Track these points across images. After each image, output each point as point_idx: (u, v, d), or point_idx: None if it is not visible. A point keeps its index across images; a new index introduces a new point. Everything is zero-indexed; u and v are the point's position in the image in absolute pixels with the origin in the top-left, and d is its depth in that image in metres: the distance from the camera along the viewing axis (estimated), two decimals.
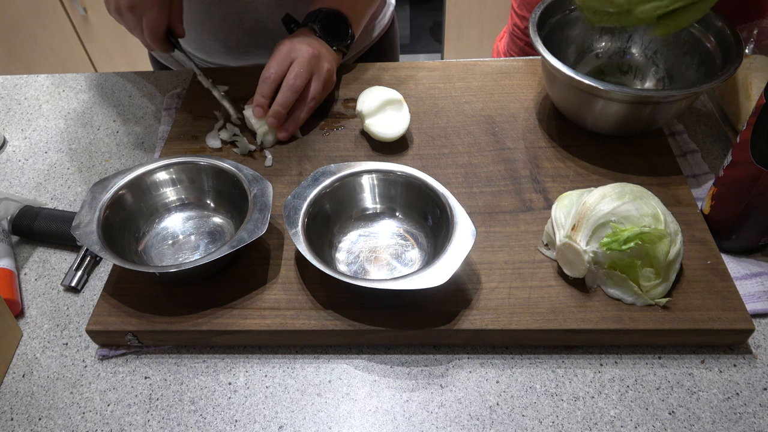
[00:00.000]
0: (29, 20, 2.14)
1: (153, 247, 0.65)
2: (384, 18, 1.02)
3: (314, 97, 0.77)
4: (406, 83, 0.86)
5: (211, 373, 0.59)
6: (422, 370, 0.58)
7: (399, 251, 0.64)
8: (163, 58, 1.04)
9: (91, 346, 0.61)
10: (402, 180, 0.65)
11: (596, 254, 0.57)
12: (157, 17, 0.71)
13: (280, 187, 0.72)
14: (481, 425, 0.54)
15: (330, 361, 0.59)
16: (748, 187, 0.58)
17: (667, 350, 0.58)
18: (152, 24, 0.72)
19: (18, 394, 0.58)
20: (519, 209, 0.68)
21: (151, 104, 0.89)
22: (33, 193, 0.78)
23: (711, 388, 0.55)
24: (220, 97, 0.78)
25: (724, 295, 0.58)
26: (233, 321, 0.59)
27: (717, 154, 0.76)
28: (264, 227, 0.59)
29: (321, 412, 0.56)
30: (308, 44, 0.77)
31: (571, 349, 0.59)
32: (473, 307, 0.58)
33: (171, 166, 0.67)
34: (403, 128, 0.74)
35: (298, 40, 0.77)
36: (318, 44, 0.78)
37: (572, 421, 0.54)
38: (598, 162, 0.73)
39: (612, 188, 0.59)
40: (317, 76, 0.77)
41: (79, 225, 0.60)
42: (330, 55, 0.80)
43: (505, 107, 0.81)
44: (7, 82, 0.96)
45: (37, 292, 0.66)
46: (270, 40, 0.93)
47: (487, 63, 0.88)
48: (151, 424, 0.55)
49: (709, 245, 0.63)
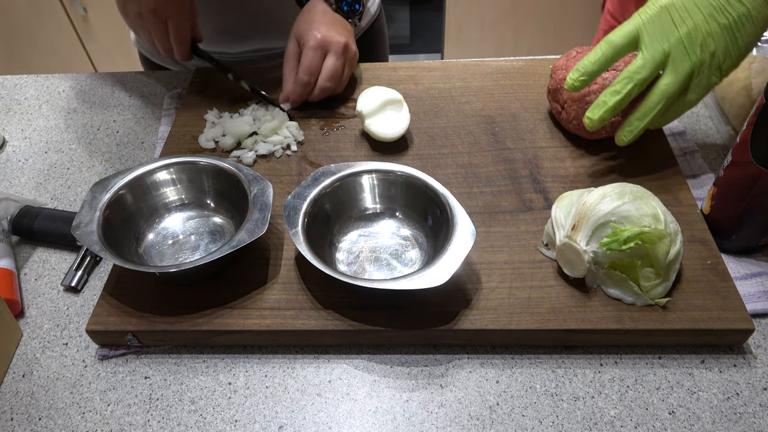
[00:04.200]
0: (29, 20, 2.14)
1: (153, 247, 0.65)
2: (373, 5, 1.04)
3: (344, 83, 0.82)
4: (406, 83, 0.86)
5: (211, 373, 0.59)
6: (422, 370, 0.58)
7: (399, 251, 0.64)
8: (157, 57, 1.03)
9: (91, 346, 0.61)
10: (402, 180, 0.65)
11: (596, 254, 0.57)
12: (182, 21, 0.71)
13: (280, 187, 0.72)
14: (481, 425, 0.54)
15: (330, 361, 0.59)
16: (748, 187, 0.58)
17: (667, 350, 0.58)
18: (178, 28, 0.72)
19: (18, 394, 0.58)
20: (519, 209, 0.68)
21: (151, 104, 0.89)
22: (33, 193, 0.78)
23: (711, 388, 0.56)
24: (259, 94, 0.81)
25: (724, 295, 0.58)
26: (233, 321, 0.59)
27: (717, 154, 0.76)
28: (264, 227, 0.59)
29: (321, 412, 0.56)
30: (336, 31, 0.79)
31: (571, 349, 0.59)
32: (473, 307, 0.58)
33: (171, 166, 0.67)
34: (403, 128, 0.74)
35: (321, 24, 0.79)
36: (341, 26, 0.80)
37: (572, 421, 0.54)
38: (598, 162, 0.73)
39: (612, 188, 0.59)
40: (348, 64, 0.80)
41: (79, 225, 0.60)
42: (350, 32, 0.82)
43: (505, 107, 0.81)
44: (7, 82, 0.96)
45: (37, 292, 0.66)
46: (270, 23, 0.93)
47: (487, 63, 0.88)
48: (151, 424, 0.55)
49: (709, 245, 0.63)
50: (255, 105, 0.82)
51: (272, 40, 0.97)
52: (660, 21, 0.63)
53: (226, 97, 0.85)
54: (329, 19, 0.80)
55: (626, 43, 0.64)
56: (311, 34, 0.78)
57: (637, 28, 0.64)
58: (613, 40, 0.65)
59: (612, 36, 0.65)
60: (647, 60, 0.63)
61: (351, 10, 0.84)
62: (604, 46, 0.65)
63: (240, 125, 0.77)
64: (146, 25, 0.73)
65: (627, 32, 0.64)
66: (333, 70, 0.78)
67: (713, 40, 0.61)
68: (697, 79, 0.63)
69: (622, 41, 0.64)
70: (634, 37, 0.64)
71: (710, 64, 0.62)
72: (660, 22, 0.63)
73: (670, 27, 0.62)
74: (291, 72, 0.80)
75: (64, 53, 2.24)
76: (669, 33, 0.62)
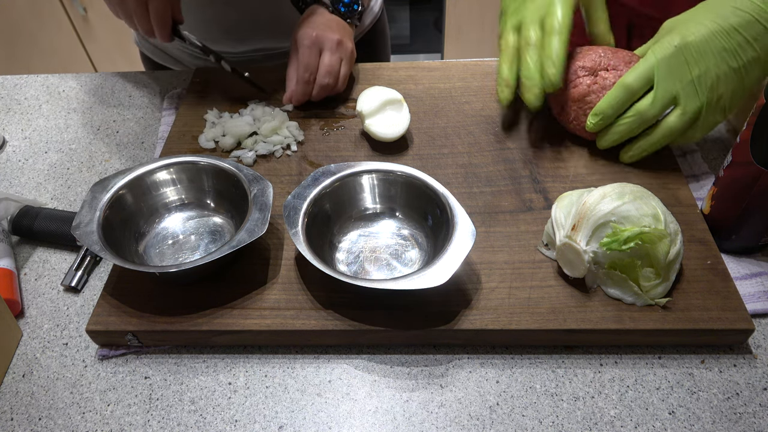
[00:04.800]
0: (29, 20, 2.14)
1: (153, 247, 0.65)
2: (376, 5, 1.04)
3: (344, 81, 0.82)
4: (406, 83, 0.86)
5: (211, 373, 0.59)
6: (422, 370, 0.58)
7: (399, 251, 0.64)
8: (158, 56, 1.04)
9: (91, 346, 0.61)
10: (402, 180, 0.65)
11: (596, 254, 0.57)
12: (162, 2, 0.72)
13: (280, 187, 0.72)
14: (481, 425, 0.54)
15: (330, 361, 0.59)
16: (748, 187, 0.58)
17: (667, 350, 0.58)
18: (158, 9, 0.72)
19: (18, 394, 0.58)
20: (519, 209, 0.68)
21: (151, 104, 0.89)
22: (33, 193, 0.78)
23: (711, 388, 0.56)
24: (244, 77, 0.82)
25: (724, 295, 0.58)
26: (233, 321, 0.59)
27: (717, 154, 0.76)
28: (264, 227, 0.59)
29: (321, 412, 0.56)
30: (331, 30, 0.80)
31: (571, 349, 0.59)
32: (473, 307, 0.58)
33: (171, 166, 0.67)
34: (403, 128, 0.74)
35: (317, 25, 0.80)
36: (336, 25, 0.81)
37: (572, 421, 0.54)
38: (598, 162, 0.73)
39: (612, 188, 0.59)
40: (345, 61, 0.81)
41: (79, 225, 0.60)
42: (347, 31, 0.82)
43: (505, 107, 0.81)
44: (7, 82, 0.96)
45: (37, 292, 0.66)
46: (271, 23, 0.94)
47: (487, 63, 0.88)
48: (151, 424, 0.55)
49: (709, 245, 0.63)
50: (255, 105, 0.82)
51: (273, 40, 0.97)
52: (674, 61, 0.64)
53: (226, 97, 0.85)
54: (326, 19, 0.81)
55: (641, 86, 0.66)
56: (306, 34, 0.79)
57: (651, 68, 0.65)
58: (628, 84, 0.66)
59: (627, 78, 0.66)
60: (657, 99, 0.65)
61: (349, 10, 0.84)
62: (619, 90, 0.67)
63: (240, 125, 0.77)
64: (127, 7, 0.73)
65: (641, 74, 0.66)
66: (329, 65, 0.78)
67: (723, 83, 0.62)
68: (703, 119, 0.65)
69: (637, 84, 0.66)
70: (648, 78, 0.65)
71: (717, 106, 0.64)
72: (674, 62, 0.64)
73: (684, 68, 0.63)
74: (293, 74, 0.81)
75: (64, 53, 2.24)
76: (682, 74, 0.63)
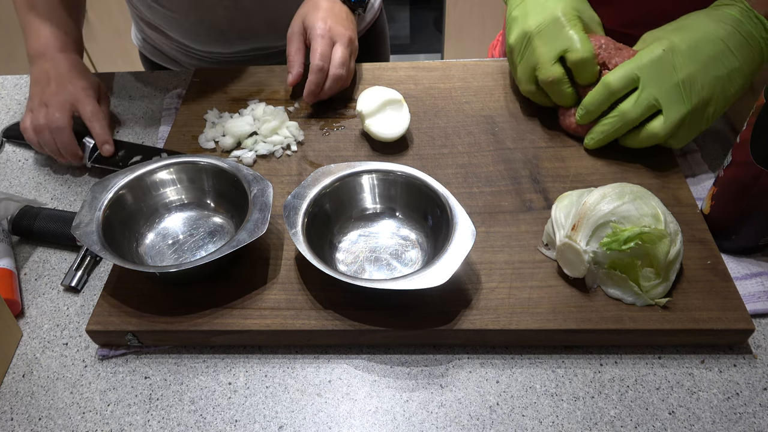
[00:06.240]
0: None
1: (153, 247, 0.65)
2: (375, 3, 1.04)
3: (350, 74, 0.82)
4: (406, 83, 0.86)
5: (211, 373, 0.59)
6: (422, 370, 0.58)
7: (399, 251, 0.64)
8: (157, 57, 1.04)
9: (91, 346, 0.61)
10: (402, 180, 0.65)
11: (596, 254, 0.57)
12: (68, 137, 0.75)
13: (280, 187, 0.72)
14: (481, 425, 0.54)
15: (330, 361, 0.59)
16: (748, 187, 0.58)
17: (667, 350, 0.58)
18: (65, 143, 0.75)
19: (18, 394, 0.58)
20: (519, 209, 0.68)
21: (151, 104, 0.89)
22: (33, 193, 0.78)
23: (711, 388, 0.56)
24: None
25: (724, 295, 0.58)
26: (233, 321, 0.59)
27: (717, 154, 0.76)
28: (264, 227, 0.59)
29: (321, 412, 0.56)
30: (342, 24, 0.80)
31: (571, 349, 0.59)
32: (473, 307, 0.58)
33: (171, 166, 0.67)
34: (403, 128, 0.74)
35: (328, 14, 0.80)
36: (345, 17, 0.81)
37: (572, 421, 0.54)
38: (598, 162, 0.73)
39: (612, 188, 0.59)
40: (353, 57, 0.81)
41: (79, 225, 0.60)
42: (354, 26, 0.83)
43: (505, 107, 0.81)
44: (7, 82, 0.96)
45: (37, 292, 0.66)
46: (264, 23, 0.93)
47: (487, 63, 0.88)
48: (151, 424, 0.55)
49: (709, 245, 0.63)
50: (255, 105, 0.82)
51: (266, 40, 0.96)
52: (661, 64, 0.64)
53: (226, 97, 0.85)
54: (336, 10, 0.81)
55: (622, 86, 0.66)
56: (318, 23, 0.78)
57: (635, 70, 0.65)
58: (608, 83, 0.67)
59: (609, 78, 0.67)
60: (641, 100, 0.65)
61: (357, 0, 0.84)
62: (600, 87, 0.68)
63: (240, 125, 0.77)
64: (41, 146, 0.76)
65: (623, 75, 0.66)
66: (343, 58, 0.78)
67: (708, 89, 0.63)
68: (687, 126, 0.66)
69: (618, 85, 0.67)
70: (631, 79, 0.66)
71: (702, 112, 0.65)
72: (661, 66, 0.64)
73: (670, 71, 0.64)
74: (297, 53, 0.80)
75: None
76: (668, 77, 0.64)
